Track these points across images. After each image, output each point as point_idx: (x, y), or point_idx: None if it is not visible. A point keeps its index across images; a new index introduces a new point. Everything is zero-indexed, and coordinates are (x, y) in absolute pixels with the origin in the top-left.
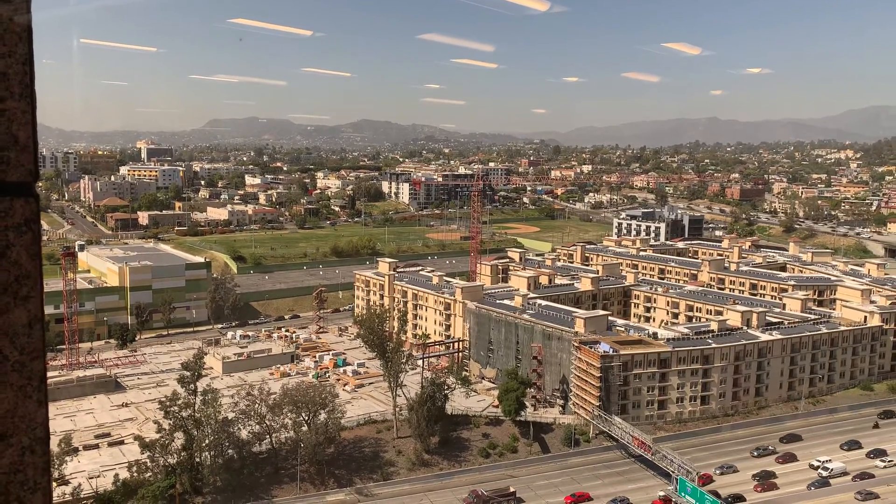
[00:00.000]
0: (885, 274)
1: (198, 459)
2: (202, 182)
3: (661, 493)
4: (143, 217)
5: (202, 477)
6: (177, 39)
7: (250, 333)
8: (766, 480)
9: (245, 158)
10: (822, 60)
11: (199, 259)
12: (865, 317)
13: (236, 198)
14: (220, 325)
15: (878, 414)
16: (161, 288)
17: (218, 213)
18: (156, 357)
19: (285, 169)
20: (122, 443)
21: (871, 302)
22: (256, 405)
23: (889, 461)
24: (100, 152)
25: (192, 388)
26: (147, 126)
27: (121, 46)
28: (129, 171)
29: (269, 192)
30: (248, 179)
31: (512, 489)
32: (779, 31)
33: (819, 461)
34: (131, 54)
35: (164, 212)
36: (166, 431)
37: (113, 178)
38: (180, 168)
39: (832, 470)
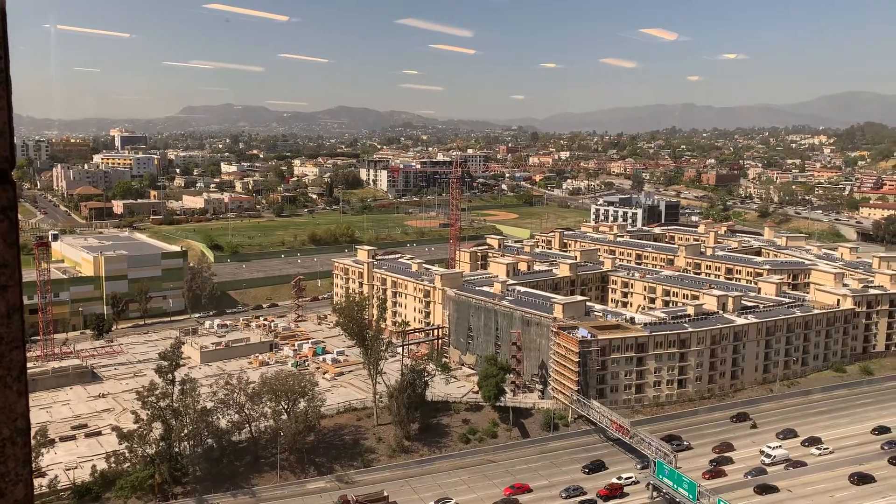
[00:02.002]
0: (858, 257)
1: (177, 449)
2: (177, 170)
3: (625, 477)
4: (117, 206)
5: (181, 467)
6: (150, 25)
7: (228, 322)
8: (716, 467)
9: (221, 146)
10: (796, 46)
11: (176, 248)
12: (838, 300)
13: (212, 186)
14: (197, 315)
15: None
16: (137, 277)
17: (194, 202)
18: (132, 347)
19: (262, 156)
20: (99, 434)
21: (844, 285)
22: (235, 394)
23: (825, 448)
24: (72, 140)
25: (169, 377)
26: (120, 113)
27: (93, 32)
28: (102, 159)
29: (246, 179)
30: (224, 167)
31: (385, 493)
32: (754, 16)
33: (770, 446)
34: (104, 40)
35: (139, 200)
36: (144, 422)
37: (86, 166)
38: (155, 156)
39: (775, 457)
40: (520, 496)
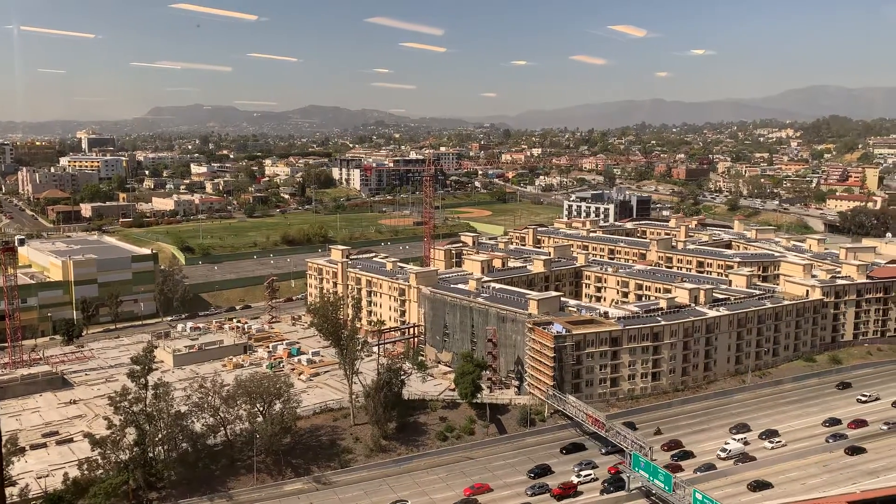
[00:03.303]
0: (826, 249)
1: (151, 454)
2: (146, 172)
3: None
4: (85, 209)
5: (156, 472)
6: (116, 26)
7: (201, 325)
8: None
9: (190, 147)
10: (761, 42)
11: (146, 251)
12: (807, 291)
13: (182, 187)
14: (169, 318)
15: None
16: (107, 281)
17: (164, 204)
18: (104, 352)
19: (232, 157)
20: (71, 441)
21: (813, 276)
22: (210, 397)
23: (777, 442)
24: (38, 143)
25: (142, 382)
26: (87, 115)
27: (57, 33)
28: (69, 161)
29: (216, 180)
30: (194, 168)
31: None
32: (721, 13)
33: (734, 439)
34: (69, 41)
35: (108, 203)
36: (117, 427)
37: (53, 169)
38: (123, 158)
39: (730, 451)
40: (479, 496)
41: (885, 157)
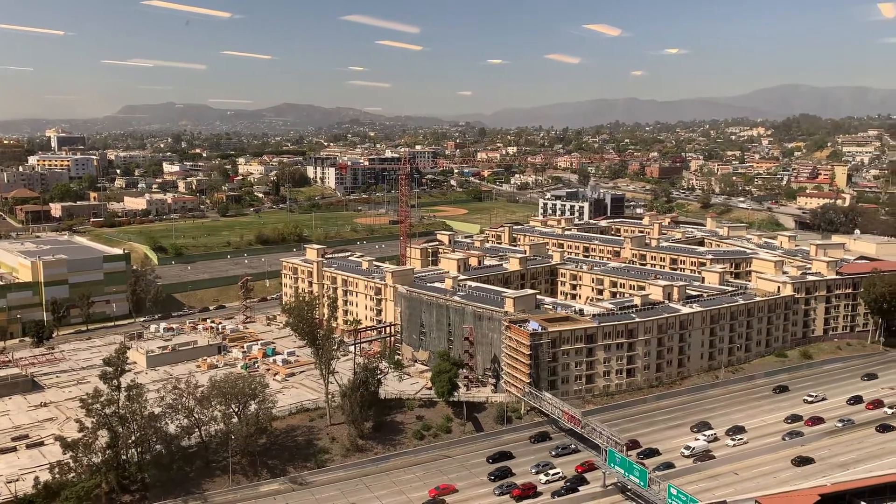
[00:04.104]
0: (796, 245)
1: (124, 457)
2: (118, 171)
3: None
4: (55, 209)
5: (129, 474)
6: (86, 23)
7: (174, 326)
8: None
9: (162, 145)
10: (733, 41)
11: (118, 251)
12: (779, 287)
13: (154, 186)
14: (142, 319)
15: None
16: (78, 282)
17: (136, 203)
18: (75, 354)
19: (205, 155)
20: (41, 444)
21: (784, 273)
22: (184, 399)
23: (739, 439)
24: (5, 141)
25: (115, 384)
26: (56, 113)
27: (25, 30)
28: (38, 160)
29: (189, 179)
30: (167, 167)
31: None
32: (694, 13)
33: (702, 436)
34: (37, 38)
35: (79, 203)
36: (89, 430)
37: (21, 168)
38: (94, 157)
39: (694, 449)
40: (446, 496)
41: (853, 155)
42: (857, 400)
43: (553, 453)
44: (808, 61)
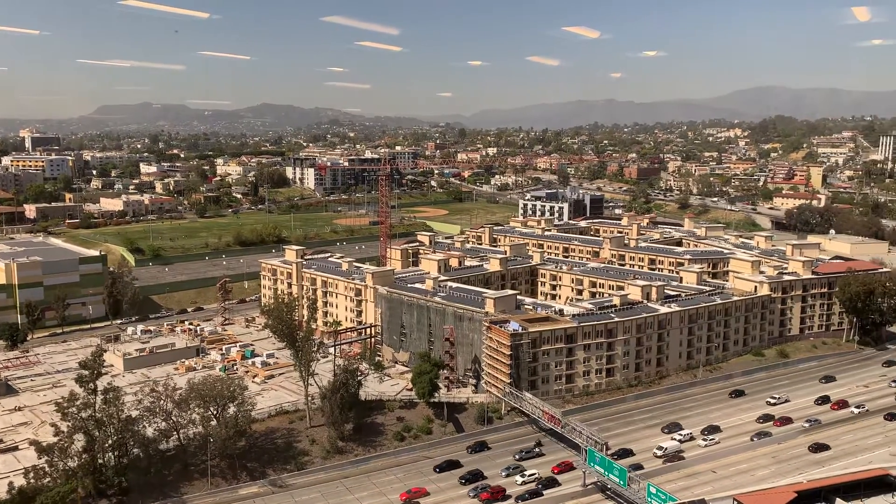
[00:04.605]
0: (773, 245)
1: (101, 461)
2: (94, 172)
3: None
4: (30, 210)
5: (106, 479)
6: (62, 22)
7: (152, 328)
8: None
9: (139, 146)
10: (710, 43)
11: (94, 252)
12: (756, 287)
13: (131, 187)
14: (119, 321)
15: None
16: (53, 284)
17: (112, 204)
18: (50, 357)
19: (182, 156)
20: (16, 449)
21: (761, 272)
22: (161, 401)
23: (711, 439)
24: None
25: (91, 387)
26: (31, 113)
27: None
28: (12, 161)
29: (167, 180)
30: (144, 168)
31: None
32: (672, 14)
33: (680, 435)
34: (12, 37)
35: (54, 204)
36: (65, 434)
37: None
38: (69, 157)
39: (666, 449)
40: (419, 499)
41: (828, 157)
42: (824, 400)
43: (517, 457)
44: (783, 63)
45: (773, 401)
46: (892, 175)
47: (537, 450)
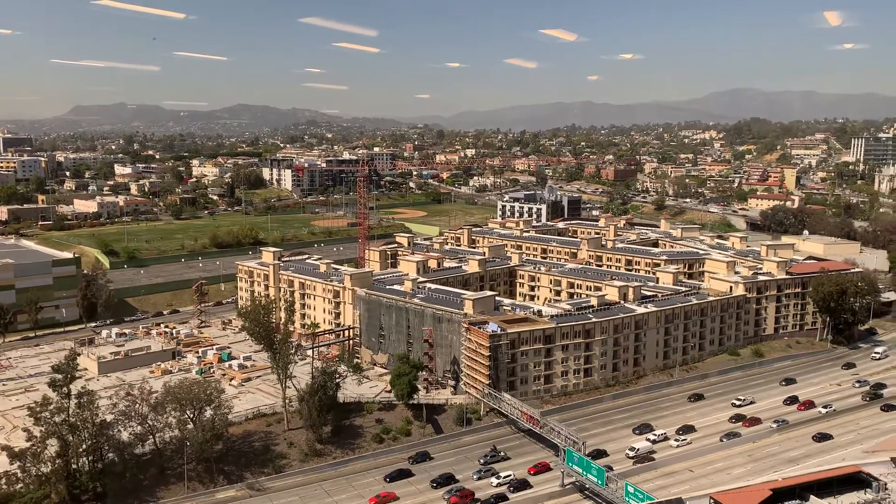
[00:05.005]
0: (748, 246)
1: (75, 466)
2: (67, 173)
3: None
4: (1, 212)
5: (80, 484)
6: (35, 22)
7: (127, 331)
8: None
9: (114, 147)
10: (687, 45)
11: (68, 255)
12: (731, 287)
13: (106, 189)
14: (93, 324)
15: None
16: (26, 287)
17: (86, 206)
18: (23, 361)
19: (158, 157)
20: None
21: (736, 273)
22: (137, 405)
23: (683, 440)
24: None
25: (64, 391)
26: (2, 114)
27: None
28: None
29: (142, 181)
30: (118, 169)
31: None
32: (649, 18)
33: (654, 435)
34: None
35: (26, 205)
36: (38, 439)
37: None
38: (42, 158)
39: (638, 450)
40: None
41: (801, 158)
42: (793, 400)
43: (482, 461)
44: (758, 66)
45: (737, 402)
46: (864, 177)
47: (503, 454)
